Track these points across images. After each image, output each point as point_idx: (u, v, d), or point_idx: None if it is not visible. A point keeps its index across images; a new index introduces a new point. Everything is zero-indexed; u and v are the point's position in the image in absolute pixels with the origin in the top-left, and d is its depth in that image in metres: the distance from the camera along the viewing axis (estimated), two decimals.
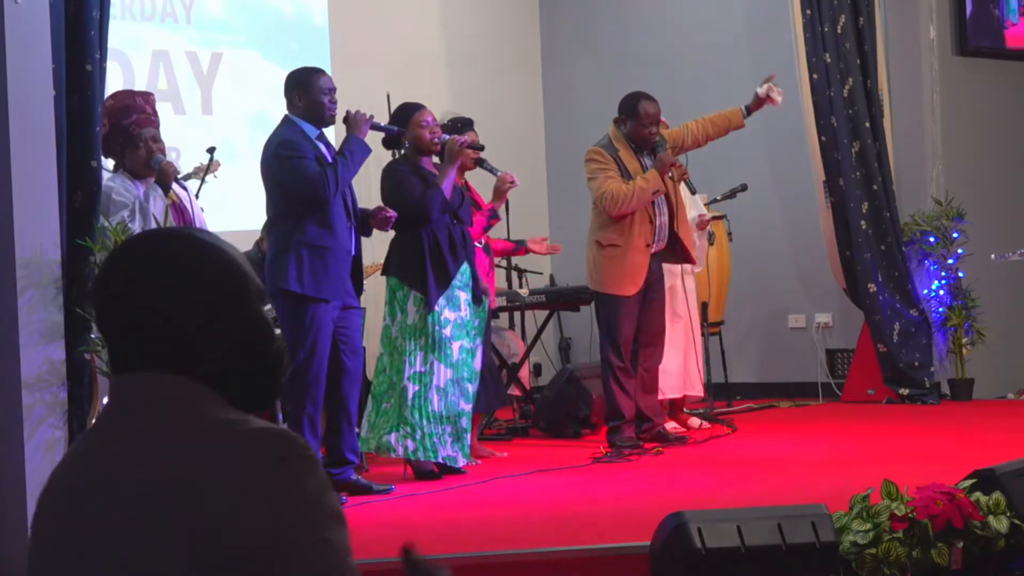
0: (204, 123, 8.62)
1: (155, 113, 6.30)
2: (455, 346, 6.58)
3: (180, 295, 1.80)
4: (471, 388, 6.66)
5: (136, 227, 5.73)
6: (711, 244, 8.30)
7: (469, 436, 6.70)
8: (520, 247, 7.86)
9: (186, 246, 1.83)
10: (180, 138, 7.98)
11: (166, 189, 6.02)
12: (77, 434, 5.18)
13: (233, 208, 8.07)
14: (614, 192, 7.17)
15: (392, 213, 6.47)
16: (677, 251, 7.44)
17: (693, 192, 7.75)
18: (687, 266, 7.85)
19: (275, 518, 1.68)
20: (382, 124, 6.64)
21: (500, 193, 7.33)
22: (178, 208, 6.12)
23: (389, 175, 6.68)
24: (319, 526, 1.70)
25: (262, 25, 9.12)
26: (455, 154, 6.62)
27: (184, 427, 1.76)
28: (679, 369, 7.89)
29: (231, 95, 8.83)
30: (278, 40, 9.15)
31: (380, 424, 6.54)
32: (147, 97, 6.38)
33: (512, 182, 7.26)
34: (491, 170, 7.39)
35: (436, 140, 6.68)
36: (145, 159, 6.05)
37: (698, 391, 8.07)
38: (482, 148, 7.20)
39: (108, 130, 5.98)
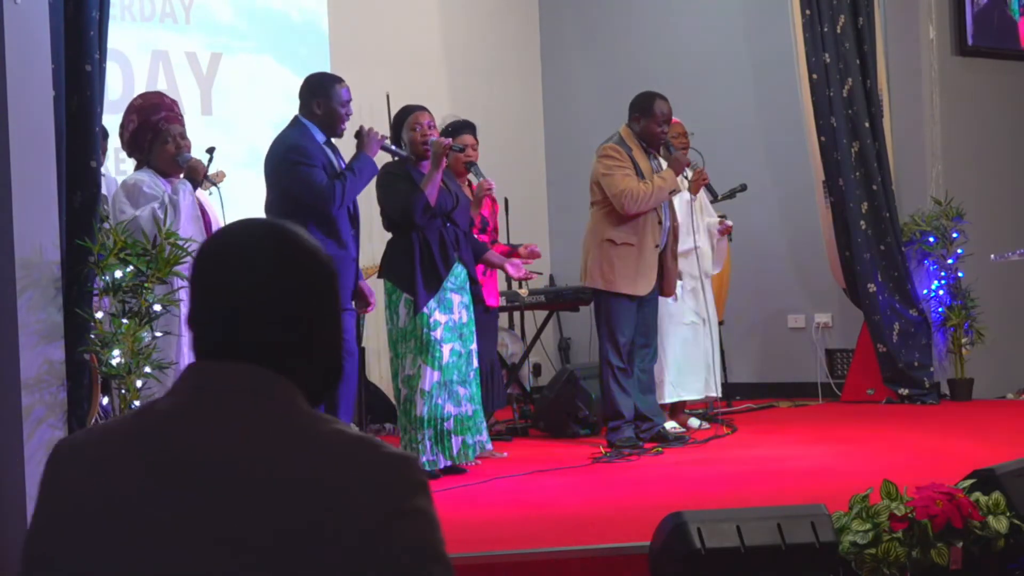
0: (204, 123, 8.62)
1: (181, 115, 6.33)
2: (445, 349, 6.57)
3: (302, 292, 1.79)
4: (463, 391, 6.63)
5: (168, 220, 5.74)
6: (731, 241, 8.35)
7: (465, 438, 6.64)
8: (513, 252, 7.83)
9: (311, 245, 1.82)
10: None
11: (196, 185, 6.04)
12: None
13: (229, 208, 8.06)
14: (632, 190, 7.15)
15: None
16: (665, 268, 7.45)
17: (715, 197, 7.74)
18: (706, 269, 7.89)
19: (403, 547, 1.68)
20: (393, 146, 6.62)
21: (478, 200, 7.33)
22: (200, 207, 6.14)
23: (381, 179, 6.67)
24: (443, 555, 1.72)
25: (263, 25, 9.12)
26: (438, 156, 6.61)
27: (305, 431, 1.71)
28: (707, 372, 7.88)
29: (231, 96, 8.83)
30: (279, 40, 9.15)
31: (403, 429, 6.60)
32: (173, 99, 6.42)
33: (489, 188, 7.29)
34: (477, 174, 7.38)
35: (425, 142, 6.67)
36: (173, 155, 6.07)
37: (718, 393, 8.07)
38: (462, 150, 7.18)
39: (136, 126, 6.02)
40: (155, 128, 6.05)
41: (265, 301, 1.76)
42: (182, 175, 6.06)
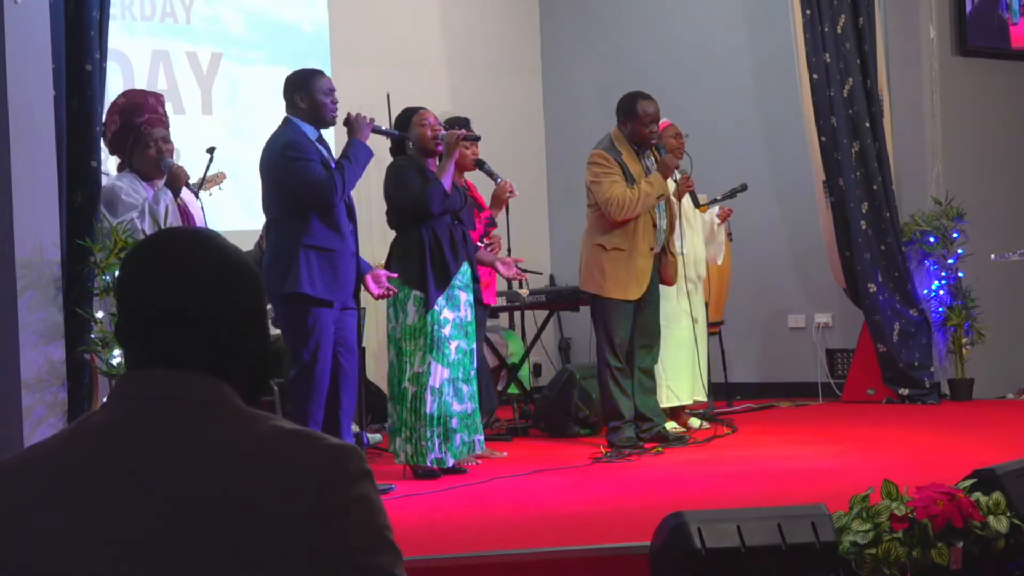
0: (204, 123, 8.62)
1: (166, 114, 6.28)
2: (452, 346, 6.58)
3: (232, 297, 1.81)
4: (466, 389, 6.65)
5: (145, 228, 5.71)
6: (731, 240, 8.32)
7: (463, 435, 6.65)
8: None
9: (232, 246, 1.85)
10: (179, 138, 7.97)
11: (176, 192, 6.00)
12: None
13: (231, 208, 8.07)
14: (619, 197, 7.15)
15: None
16: (664, 261, 7.43)
17: (697, 205, 7.69)
18: (700, 269, 7.88)
19: (350, 537, 1.69)
20: (383, 128, 6.63)
21: (499, 201, 7.34)
22: (183, 211, 6.10)
23: (391, 173, 6.68)
24: (391, 541, 1.73)
25: (262, 25, 9.12)
26: (452, 146, 6.61)
27: (245, 433, 1.74)
28: (692, 376, 7.85)
29: (231, 95, 8.83)
30: (278, 40, 9.15)
31: (398, 428, 6.58)
32: (158, 98, 6.37)
33: (511, 191, 7.26)
34: (491, 174, 7.37)
35: (437, 138, 6.68)
36: (155, 160, 6.03)
37: (704, 396, 8.04)
38: (478, 138, 7.19)
39: (119, 127, 5.97)
40: (137, 131, 6.01)
41: (193, 305, 1.79)
42: (163, 181, 6.02)
